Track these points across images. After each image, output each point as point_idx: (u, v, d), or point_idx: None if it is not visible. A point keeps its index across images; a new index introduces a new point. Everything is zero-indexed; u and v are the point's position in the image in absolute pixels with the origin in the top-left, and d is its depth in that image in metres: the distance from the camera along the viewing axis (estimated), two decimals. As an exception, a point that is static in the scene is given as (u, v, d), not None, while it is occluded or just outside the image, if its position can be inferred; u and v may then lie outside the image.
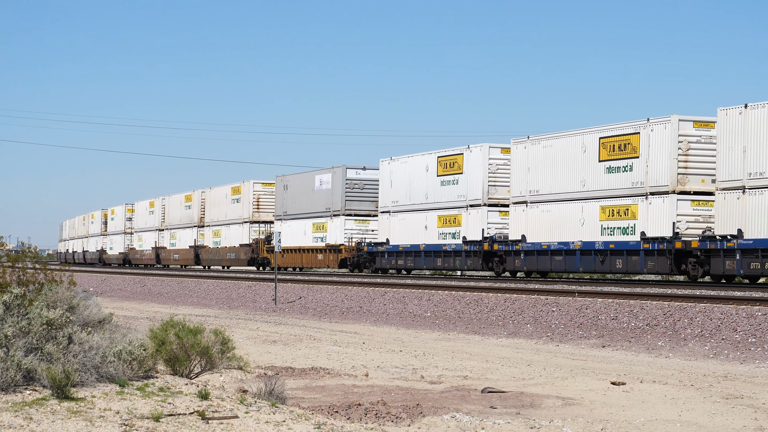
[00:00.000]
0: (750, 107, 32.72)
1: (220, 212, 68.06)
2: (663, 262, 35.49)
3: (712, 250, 33.60)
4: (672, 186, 35.22)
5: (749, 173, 32.68)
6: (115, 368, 11.10)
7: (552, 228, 39.71)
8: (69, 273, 16.83)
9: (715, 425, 12.31)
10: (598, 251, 37.58)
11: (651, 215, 36.24)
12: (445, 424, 11.85)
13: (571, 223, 38.98)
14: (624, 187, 36.98)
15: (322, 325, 28.91)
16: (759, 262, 31.93)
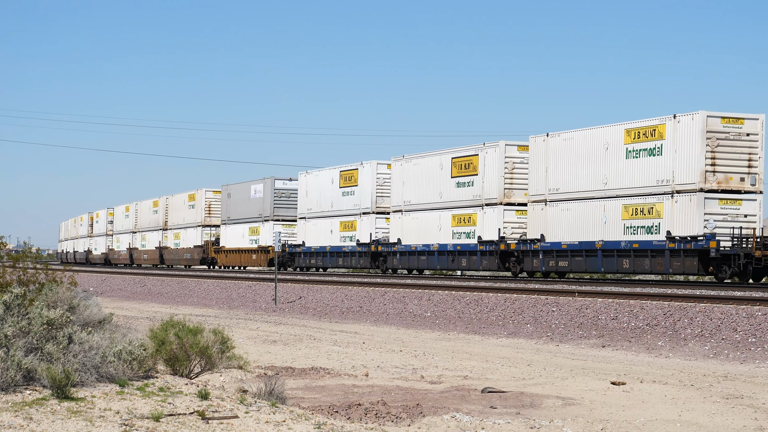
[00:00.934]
0: (551, 136, 40.66)
1: (179, 217, 75.56)
2: (492, 260, 43.32)
3: (524, 250, 41.71)
4: (500, 198, 43.26)
5: (549, 189, 40.60)
6: (115, 368, 11.10)
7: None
8: (69, 273, 16.85)
9: (715, 425, 12.31)
10: (449, 252, 45.92)
11: (486, 222, 44.12)
12: (445, 424, 11.86)
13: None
14: (467, 200, 45.00)
15: (322, 325, 28.92)
16: (554, 260, 40.15)
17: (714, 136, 34.32)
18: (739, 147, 34.58)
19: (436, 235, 46.33)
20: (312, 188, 56.90)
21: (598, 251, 37.87)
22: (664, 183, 35.48)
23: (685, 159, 34.72)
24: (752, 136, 34.65)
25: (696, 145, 34.36)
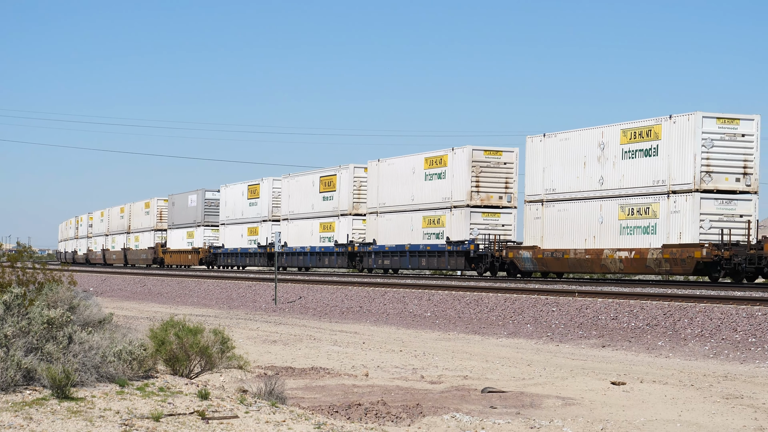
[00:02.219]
0: (382, 161, 51.12)
1: (138, 222, 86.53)
2: (343, 260, 53.87)
3: (363, 252, 51.86)
4: (350, 210, 54.27)
5: (379, 203, 50.84)
6: (115, 368, 11.09)
7: None
8: (69, 273, 16.84)
9: (715, 425, 12.30)
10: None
11: (341, 228, 54.41)
12: (445, 424, 11.85)
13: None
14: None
15: (322, 325, 28.91)
16: (381, 259, 50.50)
17: (478, 164, 45.00)
18: (497, 172, 45.67)
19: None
20: (230, 198, 68.53)
21: (407, 252, 48.72)
22: (446, 200, 46.24)
23: (457, 183, 45.55)
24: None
25: (465, 173, 45.24)
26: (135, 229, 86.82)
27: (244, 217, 65.65)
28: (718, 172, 34.44)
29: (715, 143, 34.35)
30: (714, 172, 34.39)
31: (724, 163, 34.45)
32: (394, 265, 49.81)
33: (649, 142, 35.89)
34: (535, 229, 40.81)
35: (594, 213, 38.05)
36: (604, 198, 37.70)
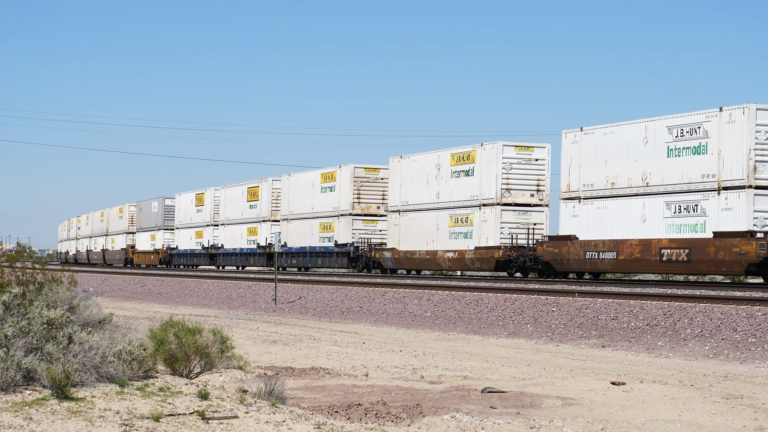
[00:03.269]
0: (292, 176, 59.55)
1: (114, 225, 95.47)
2: (264, 259, 62.10)
3: (285, 253, 58.89)
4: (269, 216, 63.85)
5: (290, 211, 60.21)
6: (115, 368, 11.09)
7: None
8: (69, 273, 16.83)
9: (715, 425, 12.30)
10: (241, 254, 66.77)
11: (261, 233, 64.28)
12: (445, 424, 11.85)
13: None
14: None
15: (322, 325, 28.91)
16: (291, 259, 58.96)
17: (360, 180, 54.22)
18: (375, 185, 54.13)
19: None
20: (182, 205, 77.46)
21: (308, 253, 57.62)
22: (335, 209, 55.15)
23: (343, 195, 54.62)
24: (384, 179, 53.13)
25: (348, 187, 54.28)
26: (112, 232, 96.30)
27: (193, 222, 75.26)
28: (516, 189, 43.02)
29: (513, 166, 42.97)
30: (512, 189, 42.96)
31: (520, 182, 43.07)
32: (299, 264, 58.96)
33: (469, 165, 44.51)
34: (395, 234, 49.31)
35: (433, 221, 46.61)
36: (440, 209, 46.29)
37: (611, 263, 36.95)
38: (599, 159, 37.70)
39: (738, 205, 32.49)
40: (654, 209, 35.49)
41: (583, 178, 38.47)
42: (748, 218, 32.15)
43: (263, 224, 63.84)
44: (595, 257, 37.42)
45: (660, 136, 35.35)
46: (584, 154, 38.40)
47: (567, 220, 39.16)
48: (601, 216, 37.55)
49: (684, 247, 33.99)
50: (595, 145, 38.00)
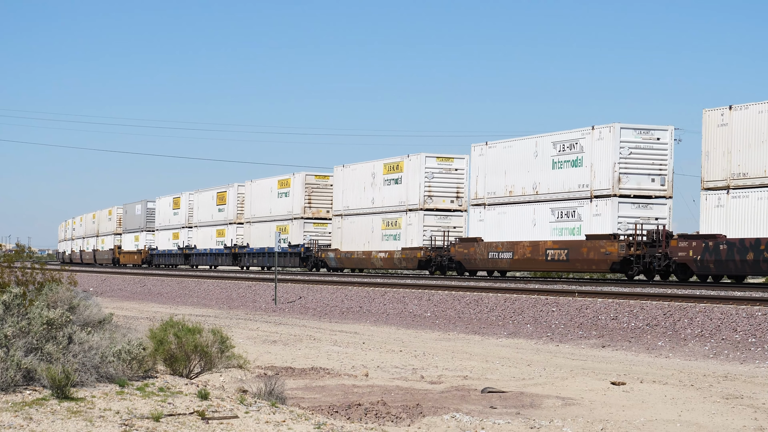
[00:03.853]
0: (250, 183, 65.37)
1: (104, 227, 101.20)
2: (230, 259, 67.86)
3: (242, 253, 64.88)
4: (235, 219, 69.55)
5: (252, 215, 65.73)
6: (115, 368, 11.09)
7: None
8: (69, 273, 16.83)
9: (715, 425, 12.30)
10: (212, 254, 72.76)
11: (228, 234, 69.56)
12: (445, 424, 11.84)
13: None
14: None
15: (322, 325, 28.91)
16: (253, 258, 64.02)
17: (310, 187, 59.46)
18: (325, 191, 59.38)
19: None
20: (160, 209, 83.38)
21: (266, 253, 62.28)
22: (289, 213, 60.13)
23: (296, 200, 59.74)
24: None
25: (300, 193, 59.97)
26: (101, 233, 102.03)
27: (171, 224, 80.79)
28: (438, 196, 48.42)
29: (435, 176, 48.36)
30: (434, 195, 48.36)
31: (441, 189, 48.51)
32: (260, 263, 64.07)
33: (398, 174, 50.37)
34: (338, 236, 54.72)
35: (368, 225, 51.64)
36: (374, 214, 51.68)
37: (508, 262, 42.03)
38: (500, 170, 42.94)
39: (605, 211, 37.82)
40: (542, 214, 40.71)
41: (488, 186, 43.57)
42: (613, 223, 37.53)
43: (230, 226, 69.19)
44: (495, 257, 42.55)
45: (547, 150, 40.47)
46: (488, 166, 43.62)
47: (475, 224, 44.49)
48: (502, 220, 42.66)
49: (564, 248, 38.88)
50: (496, 158, 43.14)
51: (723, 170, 33.27)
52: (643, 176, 37.98)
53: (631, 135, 37.89)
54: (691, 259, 33.92)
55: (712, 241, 33.08)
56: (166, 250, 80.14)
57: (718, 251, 32.81)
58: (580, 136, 38.97)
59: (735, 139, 32.97)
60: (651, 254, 36.05)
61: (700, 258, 33.49)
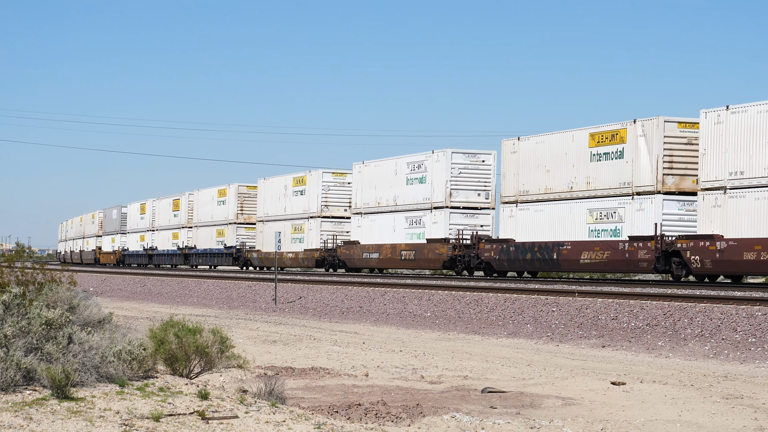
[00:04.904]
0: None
1: (89, 230, 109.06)
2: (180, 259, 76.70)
3: (190, 253, 73.54)
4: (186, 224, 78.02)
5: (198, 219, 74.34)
6: (115, 368, 11.09)
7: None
8: (69, 273, 16.81)
9: (715, 425, 12.30)
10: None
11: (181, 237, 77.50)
12: (445, 424, 11.84)
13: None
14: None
15: (322, 325, 28.90)
16: (199, 258, 72.38)
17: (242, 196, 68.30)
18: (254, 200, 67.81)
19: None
20: (131, 213, 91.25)
21: (208, 254, 71.01)
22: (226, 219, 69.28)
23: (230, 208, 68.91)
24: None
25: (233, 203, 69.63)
26: (87, 235, 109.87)
27: (138, 228, 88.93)
28: (333, 205, 57.30)
29: (331, 188, 57.34)
30: (330, 205, 57.25)
31: (335, 200, 57.27)
32: (204, 262, 72.17)
33: (302, 187, 59.06)
34: (261, 238, 63.17)
35: (280, 228, 57.51)
36: (285, 220, 60.07)
37: (376, 261, 50.75)
38: (372, 184, 51.86)
39: (440, 220, 46.48)
40: (399, 222, 49.52)
41: (364, 198, 52.49)
42: (446, 229, 46.02)
43: (182, 230, 78.22)
44: (368, 257, 51.36)
45: (403, 169, 49.54)
46: (365, 180, 52.34)
47: (355, 230, 53.62)
48: (373, 227, 51.44)
49: (412, 250, 47.73)
50: (371, 174, 52.10)
51: (514, 188, 41.86)
52: (471, 191, 46.61)
53: (461, 158, 46.63)
54: (492, 258, 42.34)
55: (505, 244, 41.62)
56: (135, 251, 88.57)
57: (509, 252, 41.34)
58: (425, 159, 48.07)
59: (522, 164, 41.42)
60: (469, 255, 44.82)
61: (497, 257, 41.94)
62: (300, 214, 58.71)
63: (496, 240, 42.58)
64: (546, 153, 40.12)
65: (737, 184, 31.71)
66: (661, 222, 34.70)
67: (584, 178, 38.31)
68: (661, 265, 34.13)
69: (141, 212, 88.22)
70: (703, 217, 32.66)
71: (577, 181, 38.63)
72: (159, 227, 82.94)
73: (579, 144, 38.59)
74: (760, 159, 31.00)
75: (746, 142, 31.51)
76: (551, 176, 39.76)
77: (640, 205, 35.83)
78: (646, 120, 35.80)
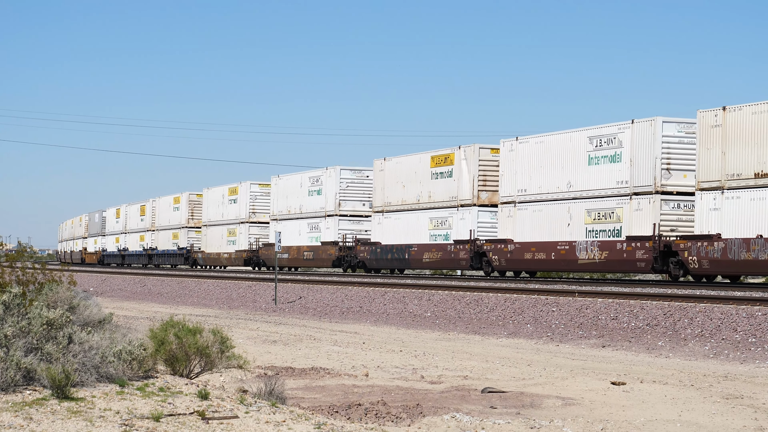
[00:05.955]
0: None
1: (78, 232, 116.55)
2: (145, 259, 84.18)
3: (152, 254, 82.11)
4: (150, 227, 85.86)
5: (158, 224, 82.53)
6: (115, 368, 11.09)
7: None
8: (69, 273, 16.80)
9: (715, 425, 12.30)
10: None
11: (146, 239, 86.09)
12: (445, 424, 11.84)
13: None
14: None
15: (322, 325, 28.91)
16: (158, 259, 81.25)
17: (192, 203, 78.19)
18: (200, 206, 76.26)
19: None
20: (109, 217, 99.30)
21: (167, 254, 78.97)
22: (180, 222, 77.78)
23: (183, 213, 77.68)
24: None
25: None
26: (76, 237, 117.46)
27: (114, 230, 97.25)
28: (259, 212, 65.00)
29: (258, 198, 64.88)
30: (257, 212, 65.04)
31: (261, 207, 64.73)
32: (163, 261, 80.00)
33: (235, 196, 67.34)
34: (204, 241, 71.47)
35: (222, 232, 67.57)
36: (223, 225, 68.17)
37: (287, 260, 58.04)
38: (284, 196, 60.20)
39: (332, 226, 54.43)
40: (303, 228, 57.46)
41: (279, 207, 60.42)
42: (335, 233, 54.13)
43: (147, 233, 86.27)
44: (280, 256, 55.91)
45: (306, 183, 57.79)
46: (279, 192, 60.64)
47: (271, 233, 60.64)
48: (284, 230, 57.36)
49: (312, 251, 55.82)
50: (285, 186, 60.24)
51: (381, 200, 49.64)
52: (357, 202, 54.78)
53: (348, 173, 54.93)
54: (366, 258, 50.15)
55: (374, 246, 49.32)
56: (112, 252, 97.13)
57: (377, 252, 49.10)
58: (321, 174, 56.15)
59: (387, 180, 49.36)
60: (351, 255, 52.10)
61: (369, 257, 49.77)
62: (233, 219, 66.93)
63: (369, 242, 50.63)
64: (402, 172, 48.55)
65: (522, 199, 40.19)
66: (476, 228, 42.65)
67: (427, 193, 46.66)
68: (475, 263, 42.18)
69: (116, 216, 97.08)
70: (501, 224, 41.33)
71: (421, 195, 47.03)
72: (130, 230, 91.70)
73: (423, 165, 46.83)
74: (536, 180, 39.46)
75: (528, 166, 39.83)
76: (406, 191, 48.20)
77: (462, 215, 43.54)
78: (467, 147, 43.50)
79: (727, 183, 31.74)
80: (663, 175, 34.31)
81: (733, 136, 31.59)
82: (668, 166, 34.68)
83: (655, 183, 34.46)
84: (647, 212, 34.67)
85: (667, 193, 34.39)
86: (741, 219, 31.18)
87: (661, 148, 34.52)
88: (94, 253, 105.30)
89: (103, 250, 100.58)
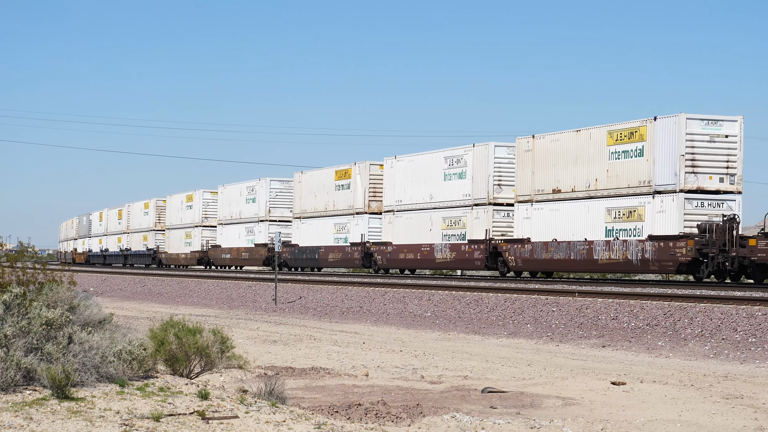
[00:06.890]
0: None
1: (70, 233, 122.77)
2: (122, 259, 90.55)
3: (128, 254, 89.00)
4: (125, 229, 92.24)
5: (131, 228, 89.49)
6: (115, 368, 11.09)
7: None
8: (69, 273, 16.80)
9: (715, 425, 12.30)
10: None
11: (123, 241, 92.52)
12: (445, 424, 11.85)
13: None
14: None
15: (322, 325, 28.91)
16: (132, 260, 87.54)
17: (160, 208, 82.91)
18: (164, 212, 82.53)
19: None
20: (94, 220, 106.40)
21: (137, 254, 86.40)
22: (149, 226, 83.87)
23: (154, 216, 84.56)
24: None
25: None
26: (69, 238, 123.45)
27: (97, 233, 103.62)
28: (210, 216, 72.49)
29: (209, 204, 72.53)
30: (209, 216, 72.69)
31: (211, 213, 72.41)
32: (135, 262, 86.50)
33: (191, 203, 74.71)
34: (167, 243, 78.52)
35: (179, 235, 74.68)
36: (181, 228, 75.39)
37: (229, 260, 66.55)
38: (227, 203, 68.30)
39: (264, 229, 62.34)
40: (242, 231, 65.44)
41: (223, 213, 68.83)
42: (266, 236, 61.73)
43: (123, 235, 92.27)
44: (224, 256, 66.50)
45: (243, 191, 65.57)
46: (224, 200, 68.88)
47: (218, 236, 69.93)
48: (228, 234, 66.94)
49: (248, 252, 62.74)
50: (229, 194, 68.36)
51: (299, 207, 58.24)
52: (285, 209, 62.03)
53: (277, 184, 62.75)
54: (288, 258, 57.55)
55: (293, 247, 57.37)
56: (96, 252, 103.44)
57: (295, 252, 57.20)
58: (255, 184, 63.62)
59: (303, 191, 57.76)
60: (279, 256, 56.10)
61: (289, 257, 57.58)
62: (189, 223, 74.82)
63: (290, 244, 57.76)
64: (314, 184, 56.52)
65: (399, 208, 48.42)
66: (367, 232, 50.85)
67: (332, 202, 54.41)
68: (366, 262, 50.75)
69: (100, 220, 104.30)
70: (384, 229, 49.56)
71: (328, 203, 54.90)
72: (110, 233, 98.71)
73: (329, 179, 54.76)
74: (409, 192, 47.57)
75: (403, 181, 48.06)
76: (317, 200, 56.16)
77: (357, 221, 51.78)
78: (361, 163, 51.85)
79: (535, 197, 39.52)
80: (495, 190, 42.20)
81: (540, 159, 39.34)
82: (499, 182, 42.38)
83: (489, 196, 42.39)
84: (483, 220, 42.46)
85: (499, 204, 42.33)
86: (543, 226, 38.84)
87: (493, 168, 42.30)
88: (82, 253, 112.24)
89: (89, 251, 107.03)
